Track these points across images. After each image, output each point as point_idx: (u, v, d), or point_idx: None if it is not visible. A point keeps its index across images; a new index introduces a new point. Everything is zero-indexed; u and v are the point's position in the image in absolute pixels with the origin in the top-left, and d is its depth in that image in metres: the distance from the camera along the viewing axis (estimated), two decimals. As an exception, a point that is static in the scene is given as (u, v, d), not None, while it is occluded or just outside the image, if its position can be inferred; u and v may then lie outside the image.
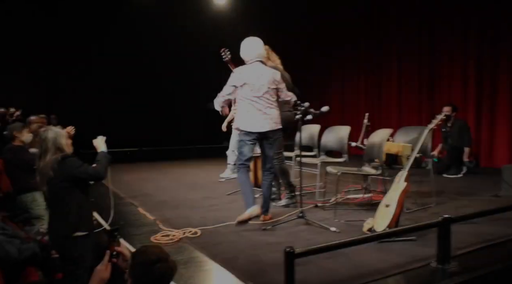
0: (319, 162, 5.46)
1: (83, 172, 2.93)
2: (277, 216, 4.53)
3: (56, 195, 2.91)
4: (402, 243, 3.57)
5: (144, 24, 11.82)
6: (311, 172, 6.33)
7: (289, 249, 2.15)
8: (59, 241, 2.92)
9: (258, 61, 4.31)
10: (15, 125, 4.86)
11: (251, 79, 4.19)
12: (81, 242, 2.92)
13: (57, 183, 2.87)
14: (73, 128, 4.28)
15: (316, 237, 3.82)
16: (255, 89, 4.19)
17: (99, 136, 3.28)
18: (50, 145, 2.90)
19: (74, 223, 2.94)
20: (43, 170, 2.87)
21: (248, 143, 4.26)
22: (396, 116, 9.65)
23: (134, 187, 6.55)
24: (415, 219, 4.31)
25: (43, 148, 2.91)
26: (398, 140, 5.11)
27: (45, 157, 2.89)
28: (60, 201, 2.92)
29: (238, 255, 3.43)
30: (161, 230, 4.13)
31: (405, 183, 3.85)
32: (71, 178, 2.91)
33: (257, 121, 4.21)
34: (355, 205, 5.05)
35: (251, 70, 4.25)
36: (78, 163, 2.94)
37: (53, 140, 2.92)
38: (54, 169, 2.86)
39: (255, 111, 4.21)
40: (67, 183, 2.89)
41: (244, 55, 4.34)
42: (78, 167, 2.92)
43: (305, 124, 4.59)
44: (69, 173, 2.89)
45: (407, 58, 9.41)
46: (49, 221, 3.11)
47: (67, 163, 2.90)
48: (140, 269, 1.76)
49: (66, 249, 2.92)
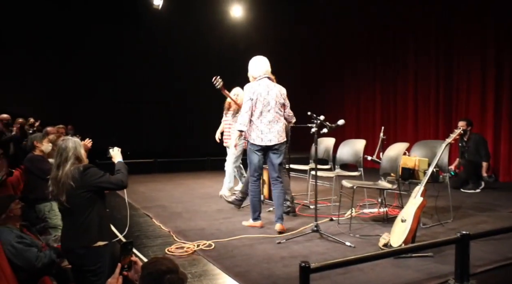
0: (334, 176, 5.43)
1: (105, 182, 2.93)
2: (292, 229, 4.50)
3: (76, 205, 2.87)
4: (418, 259, 3.51)
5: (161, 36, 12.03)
6: (325, 186, 6.30)
7: (304, 264, 2.13)
8: (78, 252, 2.85)
9: (266, 77, 4.58)
10: (36, 135, 4.96)
11: (261, 94, 4.48)
12: (101, 252, 2.89)
13: (78, 193, 2.84)
14: (90, 141, 4.34)
15: (330, 252, 3.79)
16: (265, 103, 4.48)
17: (115, 147, 3.35)
18: (70, 154, 2.89)
19: (96, 233, 2.91)
20: (62, 179, 2.84)
21: (258, 153, 4.55)
22: (412, 129, 9.57)
23: (149, 198, 6.59)
24: (432, 235, 4.25)
25: (63, 158, 2.88)
26: (414, 154, 5.05)
27: (64, 167, 2.86)
28: (81, 211, 2.89)
29: (252, 268, 3.41)
30: (176, 242, 4.13)
31: (422, 198, 3.80)
32: (93, 188, 2.90)
33: (265, 135, 4.50)
34: (370, 220, 4.99)
35: (261, 86, 4.52)
36: (100, 173, 2.93)
37: (73, 149, 2.92)
38: (75, 179, 2.83)
39: (264, 125, 4.49)
40: (89, 193, 2.88)
41: (252, 72, 4.65)
42: (100, 177, 2.91)
43: (320, 137, 4.57)
44: (91, 183, 2.88)
45: (424, 70, 9.35)
46: (63, 232, 3.04)
47: (89, 173, 2.89)
48: (150, 279, 1.75)
49: (86, 260, 2.86)
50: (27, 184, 4.76)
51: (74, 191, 2.84)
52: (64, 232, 3.02)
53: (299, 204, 5.83)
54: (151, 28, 11.82)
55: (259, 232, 4.44)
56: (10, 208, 3.27)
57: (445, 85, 8.85)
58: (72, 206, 2.85)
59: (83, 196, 2.86)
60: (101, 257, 2.88)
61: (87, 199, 2.88)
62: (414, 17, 9.50)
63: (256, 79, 4.60)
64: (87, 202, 2.89)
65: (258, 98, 4.46)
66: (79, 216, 2.89)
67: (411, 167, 4.81)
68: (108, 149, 3.37)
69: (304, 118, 4.73)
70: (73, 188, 2.83)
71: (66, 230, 3.00)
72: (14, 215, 3.29)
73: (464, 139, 6.99)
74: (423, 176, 4.58)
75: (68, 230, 2.95)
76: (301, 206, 5.75)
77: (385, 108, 10.40)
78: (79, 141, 3.07)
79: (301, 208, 5.64)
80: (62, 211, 2.98)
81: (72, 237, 2.90)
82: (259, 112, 4.47)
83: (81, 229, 2.88)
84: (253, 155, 4.55)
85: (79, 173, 2.85)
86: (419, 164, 4.77)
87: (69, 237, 2.92)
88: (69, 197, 2.84)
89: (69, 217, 2.93)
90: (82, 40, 11.70)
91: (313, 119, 4.32)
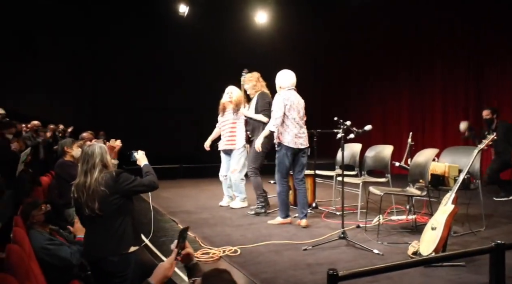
0: (360, 182, 5.35)
1: (139, 185, 2.92)
2: (318, 236, 4.45)
3: (110, 212, 2.81)
4: (450, 269, 3.41)
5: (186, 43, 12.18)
6: (352, 192, 6.21)
7: (332, 271, 2.08)
8: (112, 259, 2.78)
9: (293, 89, 5.03)
10: (66, 140, 5.07)
11: (295, 102, 4.92)
12: (132, 257, 2.85)
13: (112, 199, 2.80)
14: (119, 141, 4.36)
15: (358, 259, 3.72)
16: (297, 111, 4.93)
17: (139, 151, 3.37)
18: (98, 161, 2.85)
19: (131, 238, 2.89)
20: (92, 187, 2.78)
21: (290, 157, 4.92)
22: (440, 135, 9.37)
23: (174, 203, 6.64)
24: (463, 244, 4.12)
25: (90, 164, 2.83)
26: (444, 160, 4.93)
27: (93, 174, 2.81)
28: (115, 217, 2.83)
29: (278, 275, 3.38)
30: (201, 247, 4.14)
31: (453, 205, 3.69)
32: (128, 193, 2.88)
33: (298, 139, 4.92)
34: (398, 227, 4.88)
35: (292, 95, 4.96)
36: (132, 177, 2.91)
37: (100, 155, 2.88)
38: (108, 185, 2.79)
39: (298, 130, 4.93)
40: (122, 199, 2.84)
41: (282, 82, 5.02)
42: (133, 181, 2.88)
43: (346, 142, 4.53)
44: (126, 188, 2.85)
45: (453, 73, 9.15)
46: (91, 241, 2.91)
47: (122, 177, 2.86)
48: None
49: (119, 267, 2.80)
50: (57, 189, 4.87)
51: (108, 198, 2.79)
52: (92, 241, 2.89)
53: (325, 210, 5.77)
54: (177, 35, 11.98)
55: (285, 238, 4.40)
56: (32, 214, 3.34)
57: (475, 90, 8.63)
58: (105, 213, 2.79)
59: (116, 203, 2.82)
60: (131, 263, 2.84)
61: (120, 205, 2.84)
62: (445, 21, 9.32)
63: (283, 89, 4.98)
64: (121, 208, 2.84)
65: (291, 105, 4.87)
66: (113, 222, 2.82)
67: (441, 173, 4.69)
68: (132, 152, 3.39)
69: (330, 123, 4.69)
70: (107, 195, 2.78)
71: (95, 239, 2.87)
72: (37, 221, 3.36)
73: (492, 127, 6.68)
74: (453, 183, 4.46)
75: (99, 238, 2.84)
76: (327, 212, 5.69)
77: (413, 113, 10.22)
78: (105, 146, 3.05)
79: (328, 214, 5.58)
80: (89, 218, 2.85)
81: (105, 245, 2.81)
82: (293, 118, 4.88)
83: (116, 235, 2.81)
84: (286, 158, 4.91)
85: (112, 179, 2.82)
86: (449, 170, 4.65)
87: (101, 245, 2.82)
88: (102, 204, 2.77)
89: (99, 224, 2.83)
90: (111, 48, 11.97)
91: (340, 125, 4.28)
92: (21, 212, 3.41)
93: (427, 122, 9.80)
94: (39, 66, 11.42)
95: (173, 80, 12.46)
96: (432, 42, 9.60)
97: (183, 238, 2.07)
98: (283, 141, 4.90)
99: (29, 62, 11.34)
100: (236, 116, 6.07)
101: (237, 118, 6.07)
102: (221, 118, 6.32)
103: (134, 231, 2.97)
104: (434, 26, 9.55)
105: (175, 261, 2.04)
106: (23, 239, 2.64)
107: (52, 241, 3.26)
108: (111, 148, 4.07)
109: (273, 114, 4.94)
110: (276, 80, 5.10)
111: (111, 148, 4.08)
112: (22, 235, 2.71)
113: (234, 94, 6.05)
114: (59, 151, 4.92)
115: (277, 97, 4.96)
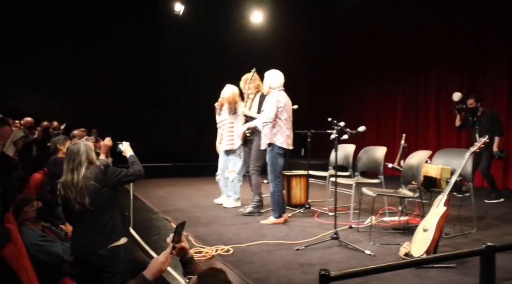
0: (353, 183, 5.37)
1: (126, 176, 2.99)
2: (311, 236, 4.46)
3: (100, 206, 2.87)
4: (441, 270, 3.43)
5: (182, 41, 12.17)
6: (345, 192, 6.24)
7: (324, 271, 2.09)
8: (102, 253, 2.83)
9: (282, 89, 5.12)
10: (59, 138, 5.04)
11: (286, 104, 5.03)
12: (121, 250, 2.94)
13: (101, 193, 2.87)
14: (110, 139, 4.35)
15: (350, 260, 3.74)
16: (289, 111, 5.06)
17: (124, 142, 3.44)
18: (83, 158, 2.90)
19: (121, 230, 2.97)
20: (80, 183, 2.82)
21: (283, 157, 5.06)
22: (433, 137, 9.41)
23: (167, 202, 6.63)
24: (455, 246, 4.15)
25: (77, 162, 2.88)
26: (436, 162, 4.96)
27: (79, 171, 2.86)
28: (105, 210, 2.90)
29: (270, 275, 3.39)
30: (194, 246, 4.14)
31: (445, 207, 3.72)
32: (116, 185, 2.96)
33: (289, 140, 5.08)
34: (390, 228, 4.91)
35: (283, 96, 5.06)
36: (118, 169, 2.99)
37: (86, 153, 2.93)
38: (99, 179, 2.86)
39: (289, 131, 5.07)
40: (111, 191, 2.93)
41: (272, 83, 5.09)
42: (120, 173, 2.96)
43: (340, 143, 4.54)
44: (114, 180, 2.92)
45: (447, 77, 9.19)
46: (80, 236, 2.93)
47: (110, 171, 2.94)
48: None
49: (109, 261, 2.86)
50: (49, 186, 4.84)
51: (98, 192, 2.85)
52: (81, 236, 2.93)
53: (318, 210, 5.79)
54: (172, 33, 11.97)
55: (278, 238, 4.41)
56: (24, 211, 3.33)
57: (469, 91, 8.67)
58: (95, 208, 2.85)
59: (106, 195, 2.89)
60: (120, 257, 2.91)
61: (109, 198, 2.92)
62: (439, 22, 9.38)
63: (274, 89, 5.08)
64: (109, 201, 2.93)
65: (284, 107, 4.97)
66: (102, 216, 2.89)
67: (433, 175, 4.72)
68: (117, 144, 3.48)
69: (323, 124, 4.71)
70: (97, 188, 2.85)
71: (85, 233, 2.90)
72: (29, 218, 3.35)
73: (477, 114, 6.70)
74: (445, 185, 4.49)
75: (89, 233, 2.88)
76: (319, 212, 5.71)
77: (406, 115, 10.25)
78: (90, 144, 3.08)
79: (320, 215, 5.60)
80: (78, 214, 2.87)
81: (95, 239, 2.86)
82: (285, 119, 5.00)
83: (106, 229, 2.88)
84: (279, 158, 5.04)
85: (102, 173, 2.89)
86: (441, 172, 4.68)
87: (91, 240, 2.86)
88: (93, 199, 2.83)
89: (88, 219, 2.87)
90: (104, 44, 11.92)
91: (333, 125, 4.30)
92: (13, 208, 3.40)
93: (420, 123, 9.84)
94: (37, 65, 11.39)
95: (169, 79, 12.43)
96: (427, 44, 9.63)
97: (178, 233, 2.08)
98: (276, 141, 4.98)
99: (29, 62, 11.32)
100: (234, 116, 6.03)
101: (234, 118, 6.04)
102: (218, 117, 6.28)
103: (124, 221, 3.02)
104: (430, 27, 9.57)
105: (170, 255, 2.04)
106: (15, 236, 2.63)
107: (44, 237, 3.26)
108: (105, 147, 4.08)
109: (264, 113, 5.04)
110: (265, 80, 5.19)
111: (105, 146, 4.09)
112: (14, 232, 2.70)
113: (225, 92, 6.05)
114: (52, 148, 4.90)
115: (271, 98, 5.03)
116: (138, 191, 6.74)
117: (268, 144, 5.05)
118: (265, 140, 5.12)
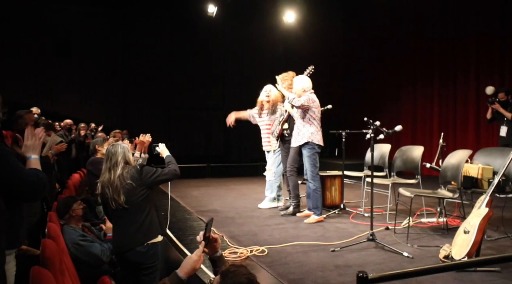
0: (390, 183, 5.25)
1: (162, 175, 3.09)
2: (346, 237, 4.40)
3: (136, 204, 2.97)
4: (484, 274, 3.30)
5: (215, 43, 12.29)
6: (381, 193, 6.12)
7: (362, 273, 2.05)
8: (140, 250, 2.93)
9: (313, 92, 5.36)
10: (97, 139, 5.20)
11: (319, 104, 5.29)
12: (158, 247, 3.03)
13: (137, 192, 2.97)
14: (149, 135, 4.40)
15: (387, 262, 3.65)
16: (319, 112, 5.32)
17: (160, 144, 3.57)
18: (119, 159, 3.02)
19: (158, 227, 3.06)
20: (116, 182, 2.94)
21: (319, 155, 5.31)
22: (472, 136, 9.08)
23: (202, 202, 6.70)
24: (498, 248, 3.99)
25: (113, 162, 3.02)
26: (477, 162, 4.78)
27: (116, 170, 2.99)
28: (142, 209, 3.00)
29: (306, 276, 3.36)
30: (229, 246, 4.16)
31: (487, 208, 3.58)
32: (152, 184, 3.06)
33: (321, 137, 5.31)
34: (429, 230, 4.77)
35: (316, 98, 5.30)
36: (153, 169, 3.09)
37: (122, 154, 3.05)
38: (135, 179, 2.96)
39: (320, 129, 5.31)
40: (147, 190, 3.02)
41: (305, 85, 5.33)
42: (155, 172, 3.06)
43: (376, 143, 4.45)
44: (150, 179, 3.03)
45: (486, 72, 8.85)
46: (119, 234, 3.04)
47: (146, 170, 3.04)
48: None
49: (147, 257, 2.95)
50: (89, 186, 4.99)
51: (134, 191, 2.95)
52: (120, 234, 3.03)
53: (353, 211, 5.70)
54: (205, 35, 12.09)
55: (312, 239, 4.37)
56: (72, 208, 3.45)
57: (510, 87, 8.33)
58: (131, 206, 2.95)
59: (142, 194, 2.99)
60: (159, 254, 3.00)
61: (145, 197, 3.01)
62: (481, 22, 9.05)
63: (306, 92, 5.28)
64: (145, 199, 3.01)
65: (318, 106, 5.25)
66: (139, 214, 2.99)
67: (474, 175, 4.56)
68: (154, 146, 3.60)
69: (359, 124, 4.63)
70: (134, 187, 2.95)
71: (123, 231, 3.01)
72: (76, 215, 3.47)
73: (508, 109, 6.41)
74: (487, 185, 4.33)
75: (127, 231, 2.98)
76: (355, 213, 5.62)
77: (444, 114, 9.94)
78: (127, 146, 3.20)
79: (356, 216, 5.51)
80: (115, 213, 3.01)
81: (133, 236, 2.96)
82: (319, 119, 5.27)
83: (143, 227, 2.98)
84: (317, 155, 5.29)
85: (138, 172, 3.00)
86: (482, 172, 4.51)
87: (129, 237, 2.96)
88: (128, 197, 2.94)
89: (126, 218, 2.98)
90: (139, 48, 12.19)
91: (369, 125, 4.21)
92: (57, 207, 3.51)
93: (458, 122, 9.52)
94: (73, 69, 11.78)
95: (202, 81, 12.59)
96: (469, 42, 9.31)
97: (208, 230, 2.09)
98: (314, 140, 5.20)
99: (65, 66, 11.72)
100: (269, 119, 6.02)
101: (270, 121, 6.03)
102: (258, 117, 6.24)
103: (160, 219, 3.09)
104: (470, 27, 9.26)
105: (203, 253, 2.05)
106: (57, 235, 2.72)
107: (84, 237, 3.35)
108: (141, 143, 4.18)
109: (299, 99, 5.18)
110: (296, 84, 5.35)
111: (141, 143, 4.19)
112: (57, 231, 2.79)
113: (272, 93, 6.00)
114: (91, 149, 5.05)
115: (308, 95, 5.25)
116: (173, 192, 6.83)
117: (306, 143, 5.17)
118: (299, 138, 5.22)
